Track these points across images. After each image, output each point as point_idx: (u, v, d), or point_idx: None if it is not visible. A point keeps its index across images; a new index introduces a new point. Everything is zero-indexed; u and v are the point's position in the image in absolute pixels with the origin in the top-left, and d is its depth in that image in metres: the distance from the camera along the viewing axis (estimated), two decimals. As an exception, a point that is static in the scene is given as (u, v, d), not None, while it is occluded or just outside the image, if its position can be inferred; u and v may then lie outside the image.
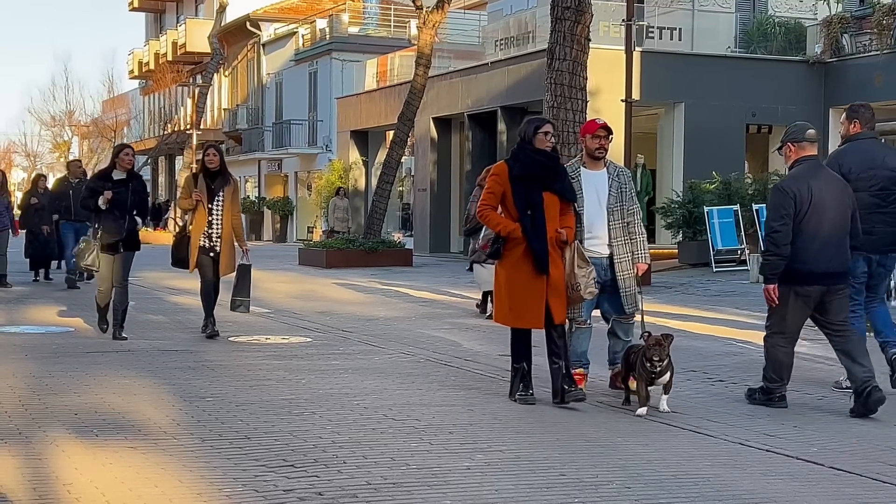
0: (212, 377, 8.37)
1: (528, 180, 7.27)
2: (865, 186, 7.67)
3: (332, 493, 5.03)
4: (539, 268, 7.20)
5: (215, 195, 10.68)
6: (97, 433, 6.25)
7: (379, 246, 24.32)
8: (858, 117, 7.95)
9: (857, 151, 7.84)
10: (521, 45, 26.30)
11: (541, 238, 7.20)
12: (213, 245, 10.67)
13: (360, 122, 34.01)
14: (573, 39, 14.32)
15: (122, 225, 10.46)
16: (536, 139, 7.34)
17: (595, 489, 5.22)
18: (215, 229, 10.67)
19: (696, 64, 24.94)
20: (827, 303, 7.17)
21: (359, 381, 8.25)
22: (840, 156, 7.90)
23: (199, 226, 10.63)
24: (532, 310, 7.25)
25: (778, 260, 7.08)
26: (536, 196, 7.24)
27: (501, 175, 7.37)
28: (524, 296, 7.25)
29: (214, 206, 10.66)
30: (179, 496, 4.95)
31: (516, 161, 7.38)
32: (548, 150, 7.35)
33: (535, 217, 7.22)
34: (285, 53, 42.15)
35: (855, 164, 7.71)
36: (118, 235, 10.47)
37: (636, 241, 7.79)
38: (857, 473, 5.62)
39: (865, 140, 7.93)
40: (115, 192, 10.38)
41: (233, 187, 10.86)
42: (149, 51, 54.35)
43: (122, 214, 10.47)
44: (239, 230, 10.90)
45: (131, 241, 10.62)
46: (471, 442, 6.17)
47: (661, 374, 7.01)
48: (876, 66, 24.41)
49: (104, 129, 58.07)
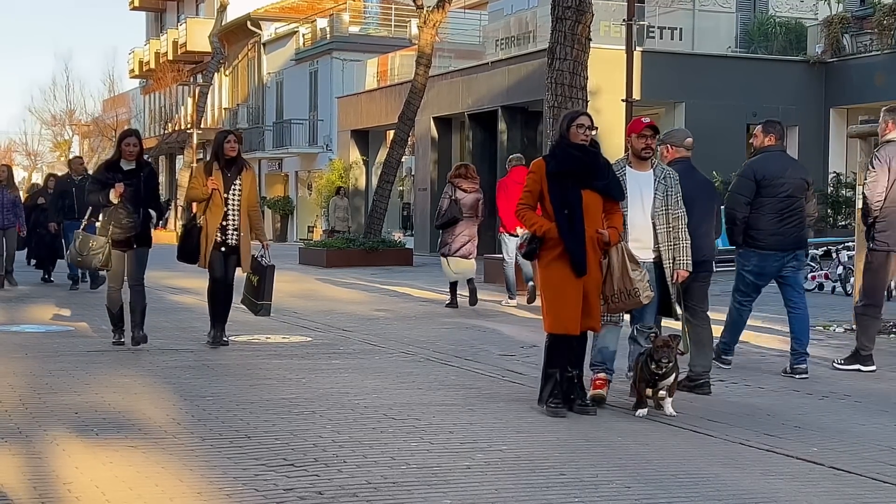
0: (212, 376, 8.37)
1: (564, 177, 6.85)
2: (776, 192, 8.53)
3: (332, 492, 5.03)
4: (576, 270, 6.80)
5: (231, 184, 9.74)
6: (97, 432, 6.25)
7: (379, 245, 24.33)
8: (773, 132, 8.75)
9: (770, 161, 8.67)
10: (522, 45, 26.29)
11: (578, 239, 6.79)
12: (226, 239, 9.74)
13: (360, 121, 34.01)
14: (574, 39, 14.31)
15: (136, 219, 9.57)
16: (571, 133, 6.92)
17: (595, 488, 5.22)
18: (231, 222, 9.73)
19: (696, 64, 24.94)
20: (690, 287, 7.77)
21: (359, 381, 8.25)
22: (755, 164, 8.74)
23: (215, 217, 9.67)
24: (568, 314, 6.86)
25: None
26: (573, 194, 6.82)
27: (538, 172, 6.95)
28: (560, 299, 6.87)
29: (231, 196, 9.71)
30: (180, 495, 4.95)
31: (552, 157, 7.01)
32: (584, 143, 6.91)
33: (572, 216, 6.80)
34: (286, 53, 42.15)
35: (768, 172, 8.55)
36: (133, 231, 9.59)
37: (679, 247, 7.35)
38: (857, 473, 5.63)
39: (776, 152, 8.74)
40: (127, 184, 9.51)
41: (251, 175, 9.94)
42: (149, 50, 54.35)
43: (135, 208, 9.56)
44: (258, 222, 10.00)
45: (144, 236, 9.74)
46: (471, 441, 6.17)
47: (666, 377, 6.97)
48: (877, 66, 24.41)
49: (105, 128, 58.09)
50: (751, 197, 8.56)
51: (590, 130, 6.93)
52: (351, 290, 17.09)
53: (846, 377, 8.85)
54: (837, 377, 8.84)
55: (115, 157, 9.79)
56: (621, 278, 6.94)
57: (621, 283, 6.95)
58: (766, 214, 8.55)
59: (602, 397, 7.31)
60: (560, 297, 6.88)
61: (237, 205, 9.75)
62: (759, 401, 7.76)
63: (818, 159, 25.63)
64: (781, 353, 9.67)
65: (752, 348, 10.38)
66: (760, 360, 9.76)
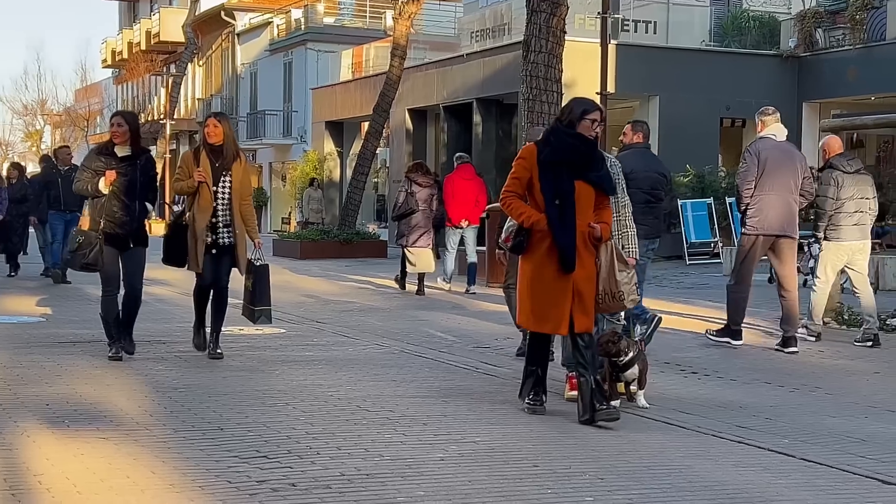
0: (185, 368, 8.34)
1: (558, 166, 6.45)
2: (641, 185, 9.11)
3: (306, 483, 5.02)
4: (565, 266, 6.41)
5: (221, 175, 8.60)
6: (69, 424, 6.21)
7: (354, 237, 24.31)
8: (641, 130, 9.55)
9: (637, 156, 9.32)
10: (497, 37, 26.29)
11: (569, 232, 6.41)
12: (217, 238, 8.61)
13: (335, 112, 33.92)
14: (549, 32, 14.32)
15: (132, 213, 8.45)
16: (581, 125, 6.51)
17: (568, 480, 5.23)
18: (222, 218, 8.60)
19: (670, 57, 25.02)
20: None
21: (333, 373, 8.24)
22: (624, 159, 9.23)
23: (204, 214, 8.57)
24: (555, 313, 6.48)
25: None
26: (567, 184, 6.43)
27: (529, 159, 6.54)
28: (547, 297, 6.48)
29: (220, 189, 8.60)
30: (152, 487, 4.93)
31: (546, 144, 6.54)
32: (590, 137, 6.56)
33: (563, 208, 6.41)
34: (260, 43, 41.97)
35: (635, 166, 9.10)
36: (128, 227, 8.45)
37: (627, 235, 7.31)
38: (828, 465, 5.67)
39: (642, 149, 9.46)
40: (120, 173, 8.38)
41: (243, 164, 8.76)
42: (122, 40, 53.96)
43: (131, 200, 8.43)
44: (250, 218, 8.82)
45: (141, 233, 8.62)
46: (444, 433, 6.17)
47: (626, 368, 6.92)
48: (849, 61, 24.56)
49: (77, 118, 57.68)
50: None
51: (599, 126, 6.60)
52: (325, 282, 17.06)
53: (819, 370, 8.92)
54: (809, 369, 8.90)
55: (110, 142, 8.61)
56: (607, 279, 6.60)
57: (607, 284, 6.61)
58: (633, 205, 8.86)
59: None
60: (545, 294, 6.50)
61: (227, 199, 8.62)
62: (731, 393, 7.80)
63: (791, 153, 25.75)
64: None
65: (727, 341, 10.45)
66: (734, 352, 9.80)
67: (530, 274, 6.58)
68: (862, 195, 10.26)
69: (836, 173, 10.18)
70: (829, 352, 9.91)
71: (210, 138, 8.58)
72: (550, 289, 6.48)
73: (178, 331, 10.44)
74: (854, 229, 10.23)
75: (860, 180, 10.31)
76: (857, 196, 10.21)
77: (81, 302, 13.00)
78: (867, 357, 9.64)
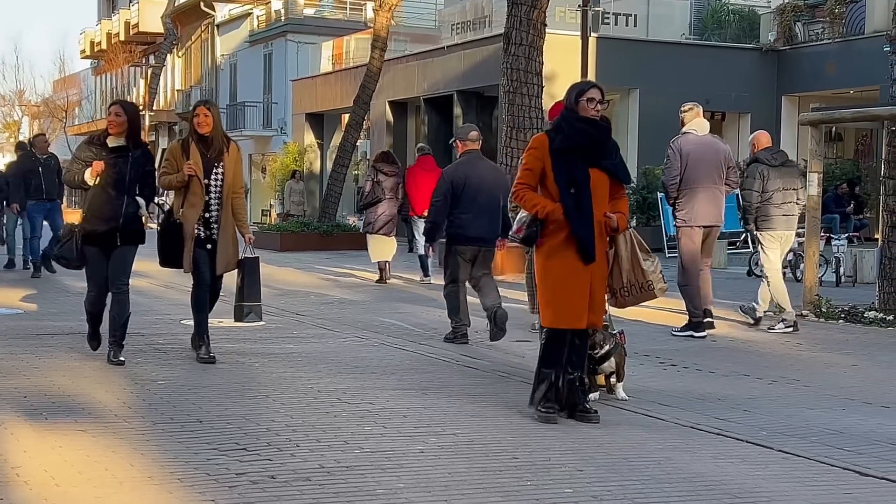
0: (163, 360, 8.31)
1: (571, 154, 6.21)
2: None
3: (286, 476, 5.02)
4: (585, 257, 6.16)
5: (213, 167, 8.07)
6: (47, 416, 6.18)
7: (334, 230, 24.28)
8: None
9: None
10: (478, 30, 26.29)
11: (586, 221, 6.16)
12: (210, 234, 8.13)
13: (315, 104, 33.85)
14: (529, 24, 14.33)
15: (118, 207, 7.88)
16: (580, 106, 6.27)
17: (547, 472, 5.25)
18: (214, 213, 8.09)
19: (651, 50, 25.08)
20: (477, 259, 9.38)
21: (313, 365, 8.22)
22: None
23: (195, 209, 8.05)
24: (574, 307, 6.22)
25: (435, 226, 9.49)
26: (581, 172, 6.19)
27: (541, 148, 6.28)
28: (565, 290, 6.21)
29: (212, 183, 8.07)
30: (130, 479, 4.91)
31: (558, 131, 6.29)
32: (595, 118, 6.32)
33: (579, 197, 6.16)
34: (240, 34, 41.82)
35: None
36: (112, 222, 7.88)
37: None
38: (806, 457, 5.70)
39: None
40: (110, 164, 7.87)
41: (235, 155, 8.21)
42: (101, 30, 53.70)
43: (118, 194, 7.89)
44: (241, 212, 8.36)
45: (132, 230, 8.01)
46: (424, 426, 6.18)
47: (603, 361, 6.89)
48: (828, 55, 24.68)
49: (55, 109, 57.33)
50: None
51: (601, 105, 6.31)
52: (305, 274, 17.03)
53: (797, 363, 8.97)
54: (787, 361, 8.95)
55: (104, 132, 8.14)
56: (631, 270, 6.39)
57: (631, 276, 6.41)
58: None
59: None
60: (565, 288, 6.21)
61: (220, 192, 8.10)
62: (710, 385, 7.83)
63: (770, 146, 25.87)
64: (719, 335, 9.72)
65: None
66: (713, 345, 9.84)
67: (547, 267, 6.28)
68: (789, 187, 10.63)
69: (761, 167, 10.57)
70: (807, 344, 9.97)
71: (200, 128, 8.05)
72: (569, 281, 6.20)
73: (156, 323, 10.41)
74: (783, 219, 10.62)
75: (785, 173, 10.68)
76: (783, 188, 10.58)
77: (60, 294, 12.94)
78: (845, 350, 9.70)
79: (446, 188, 9.36)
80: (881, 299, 11.80)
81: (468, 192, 9.30)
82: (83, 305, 8.38)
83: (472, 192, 9.28)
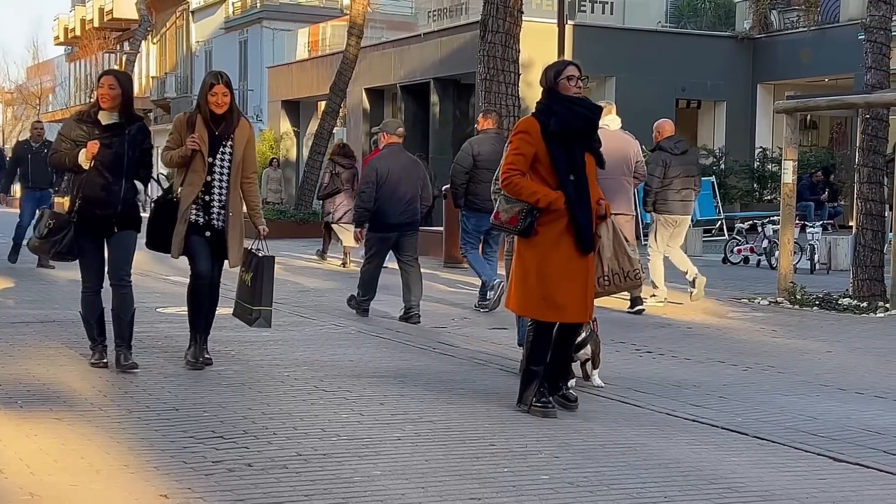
0: (139, 348, 8.25)
1: (568, 137, 5.97)
2: (489, 167, 10.08)
3: (262, 464, 5.01)
4: (584, 246, 5.96)
5: (220, 145, 7.21)
6: (21, 404, 6.14)
7: (310, 217, 24.22)
8: (491, 117, 11.17)
9: (486, 142, 10.86)
10: (454, 17, 26.24)
11: (586, 209, 5.96)
12: (211, 220, 7.26)
13: (291, 91, 33.71)
14: (506, 12, 14.29)
15: (115, 193, 7.04)
16: (560, 86, 6.05)
17: (524, 458, 5.26)
18: (217, 196, 7.22)
19: (627, 38, 25.10)
20: (400, 243, 10.27)
21: (289, 353, 8.21)
22: (474, 143, 11.01)
23: (193, 187, 7.18)
24: (576, 299, 6.00)
25: (364, 212, 10.12)
26: (580, 157, 5.98)
27: (533, 133, 5.98)
28: (565, 282, 5.95)
29: (218, 162, 7.20)
30: (106, 467, 4.90)
31: (551, 114, 5.99)
32: (581, 96, 6.10)
33: (578, 183, 5.94)
34: (215, 21, 41.57)
35: (484, 150, 10.76)
36: (110, 208, 7.05)
37: None
38: (781, 443, 5.74)
39: (492, 135, 10.94)
40: (105, 144, 6.99)
41: (246, 132, 7.34)
42: (75, 17, 53.26)
43: (115, 177, 7.03)
44: (254, 200, 7.50)
45: (130, 216, 7.18)
46: (401, 413, 6.18)
47: (578, 349, 6.85)
48: (803, 43, 24.77)
49: (28, 96, 56.93)
50: (469, 168, 10.82)
51: (581, 81, 6.11)
52: (281, 262, 16.96)
53: (772, 349, 9.02)
54: (762, 348, 9.01)
55: (93, 107, 7.18)
56: (614, 258, 6.18)
57: (614, 263, 6.19)
58: (481, 184, 10.48)
59: None
60: (560, 279, 5.96)
61: (226, 174, 7.24)
62: (685, 372, 7.88)
63: (745, 134, 26.01)
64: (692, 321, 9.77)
65: (680, 320, 10.52)
66: (689, 332, 9.89)
67: (539, 258, 5.99)
68: (689, 174, 11.41)
69: (664, 155, 11.32)
70: (782, 331, 10.03)
71: (217, 109, 7.16)
72: (566, 273, 5.96)
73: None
74: (680, 204, 11.36)
75: (686, 161, 11.44)
76: (683, 175, 11.32)
77: (34, 281, 12.85)
78: (819, 336, 9.77)
79: (373, 178, 10.13)
80: (855, 286, 11.89)
81: (391, 182, 10.11)
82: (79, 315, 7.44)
83: (395, 182, 10.12)
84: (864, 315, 11.06)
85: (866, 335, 9.89)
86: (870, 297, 11.62)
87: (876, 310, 11.15)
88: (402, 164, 10.28)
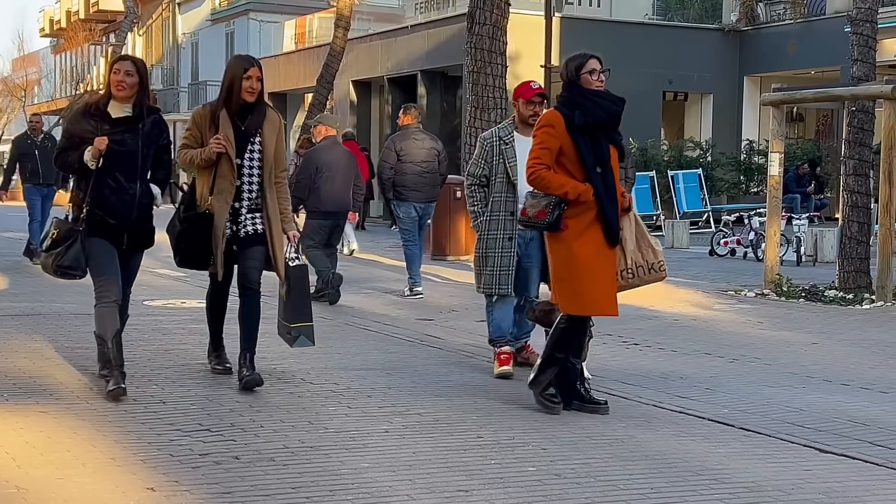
0: (126, 341, 8.18)
1: (594, 129, 5.93)
2: (414, 159, 11.18)
3: (249, 456, 5.00)
4: (612, 239, 5.93)
5: (248, 142, 6.41)
6: (7, 397, 6.12)
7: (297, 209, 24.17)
8: (411, 112, 11.52)
9: (408, 136, 11.32)
10: (442, 9, 26.22)
11: (614, 202, 5.92)
12: (239, 228, 6.47)
13: (278, 84, 33.60)
14: (493, 4, 14.31)
15: (129, 199, 6.17)
16: (583, 81, 6.00)
17: (511, 450, 5.27)
18: (246, 201, 6.43)
19: (614, 30, 25.11)
20: (334, 231, 11.12)
21: (276, 345, 8.18)
22: (395, 140, 11.45)
23: (225, 195, 6.37)
24: (607, 293, 5.97)
25: (298, 201, 10.48)
26: (606, 149, 5.96)
27: (558, 126, 5.91)
28: (596, 276, 5.92)
29: (246, 163, 6.41)
30: (92, 461, 4.88)
31: (575, 107, 5.93)
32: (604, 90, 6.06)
33: (605, 176, 5.90)
34: (201, 13, 41.45)
35: (406, 145, 11.24)
36: (124, 216, 6.19)
37: None
38: (767, 434, 5.76)
39: (412, 130, 11.38)
40: (115, 141, 6.09)
41: (275, 125, 6.57)
42: (60, 8, 53.04)
43: (129, 180, 6.16)
44: (285, 202, 6.60)
45: (142, 233, 6.33)
46: (389, 405, 6.18)
47: None
48: (790, 35, 24.83)
49: (14, 88, 56.58)
50: (394, 163, 11.23)
51: (603, 75, 6.07)
52: (268, 255, 16.93)
53: (758, 341, 9.05)
54: (748, 340, 9.03)
55: (103, 97, 6.25)
56: (637, 250, 6.08)
57: (638, 256, 6.09)
58: (406, 175, 11.20)
59: (510, 373, 7.04)
60: (595, 273, 5.91)
61: (257, 175, 6.44)
62: (672, 364, 7.89)
63: (732, 127, 26.07)
64: (692, 315, 9.79)
65: (667, 312, 10.55)
66: (675, 324, 9.91)
67: (575, 252, 5.90)
68: None
69: None
70: (768, 323, 10.06)
71: (250, 96, 6.36)
72: (597, 266, 5.92)
73: (119, 304, 10.31)
74: None
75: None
76: None
77: (21, 275, 12.80)
78: (805, 328, 9.80)
79: (312, 168, 10.83)
80: (841, 278, 11.93)
81: (328, 173, 10.81)
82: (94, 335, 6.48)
83: (332, 173, 10.82)
84: (850, 307, 11.10)
85: (852, 327, 9.93)
86: (856, 288, 11.67)
87: (862, 301, 11.19)
88: (338, 156, 11.05)
